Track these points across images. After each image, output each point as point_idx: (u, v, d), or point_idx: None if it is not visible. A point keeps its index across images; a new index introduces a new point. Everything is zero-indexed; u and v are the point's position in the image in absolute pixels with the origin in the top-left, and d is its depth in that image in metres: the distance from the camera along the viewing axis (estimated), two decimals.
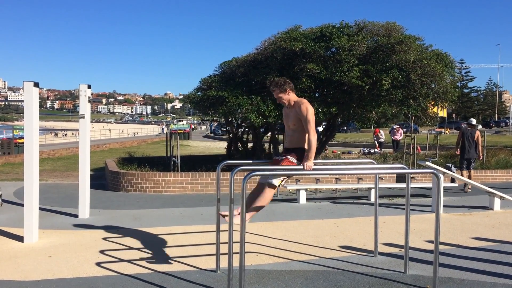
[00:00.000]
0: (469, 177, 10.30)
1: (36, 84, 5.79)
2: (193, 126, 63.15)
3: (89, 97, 7.37)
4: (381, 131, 22.52)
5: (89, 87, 7.36)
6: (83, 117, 7.28)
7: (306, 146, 4.44)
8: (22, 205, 6.16)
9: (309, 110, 4.33)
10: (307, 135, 4.38)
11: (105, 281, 4.30)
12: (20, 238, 5.86)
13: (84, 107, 7.29)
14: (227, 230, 4.14)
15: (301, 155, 4.42)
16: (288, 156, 4.47)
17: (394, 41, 10.27)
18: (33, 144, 5.81)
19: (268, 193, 4.30)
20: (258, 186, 4.47)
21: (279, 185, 4.38)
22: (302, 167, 4.28)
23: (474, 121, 11.30)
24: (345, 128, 43.29)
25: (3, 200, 8.59)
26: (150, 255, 5.19)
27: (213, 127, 51.55)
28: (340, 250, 5.42)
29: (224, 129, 15.32)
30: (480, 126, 54.02)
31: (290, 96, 4.49)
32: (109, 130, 54.83)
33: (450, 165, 10.87)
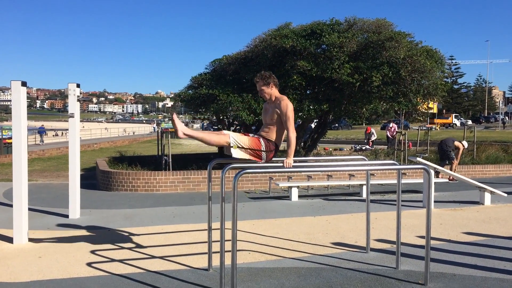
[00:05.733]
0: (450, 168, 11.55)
1: (23, 83, 5.73)
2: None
3: (78, 96, 7.30)
4: (372, 129, 22.53)
5: (78, 86, 7.29)
6: (73, 116, 7.21)
7: (277, 141, 4.38)
8: (11, 205, 6.09)
9: (289, 107, 4.26)
10: (286, 132, 4.29)
11: (96, 281, 4.26)
12: (9, 239, 5.80)
13: (74, 106, 7.22)
14: (219, 229, 4.13)
15: (268, 145, 4.32)
16: (261, 139, 4.34)
17: (384, 37, 10.31)
18: (21, 144, 5.75)
19: (219, 138, 4.19)
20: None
21: (230, 145, 4.19)
22: (281, 164, 4.23)
23: None
24: (336, 125, 43.40)
25: None
26: (141, 255, 5.15)
27: (205, 125, 51.42)
28: (332, 247, 5.43)
29: (216, 127, 15.27)
30: (469, 122, 54.63)
31: (272, 91, 4.42)
32: (106, 128, 54.05)
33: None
